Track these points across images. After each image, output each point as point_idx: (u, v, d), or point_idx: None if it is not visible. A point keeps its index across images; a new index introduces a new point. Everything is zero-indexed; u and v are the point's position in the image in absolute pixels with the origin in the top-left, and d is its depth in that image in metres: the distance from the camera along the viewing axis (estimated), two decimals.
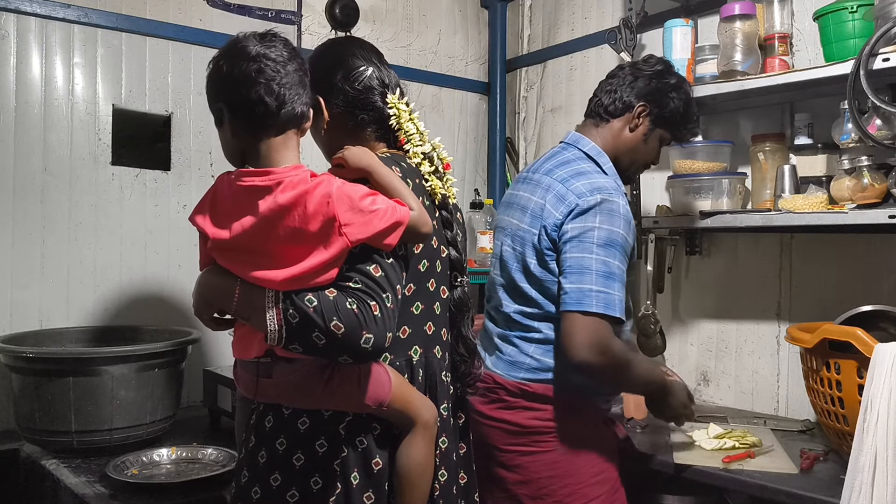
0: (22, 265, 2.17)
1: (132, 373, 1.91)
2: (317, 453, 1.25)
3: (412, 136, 1.41)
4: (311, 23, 2.72)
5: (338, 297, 1.15)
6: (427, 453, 1.31)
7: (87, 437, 1.88)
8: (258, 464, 1.27)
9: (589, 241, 1.60)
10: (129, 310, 2.34)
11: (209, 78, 1.26)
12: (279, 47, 1.22)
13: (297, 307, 1.14)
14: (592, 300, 1.56)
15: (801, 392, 1.91)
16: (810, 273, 2.24)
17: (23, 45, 2.18)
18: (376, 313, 1.16)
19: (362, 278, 1.18)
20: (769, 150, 2.22)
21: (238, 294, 1.20)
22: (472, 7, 3.23)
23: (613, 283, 1.58)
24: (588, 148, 1.78)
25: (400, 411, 1.28)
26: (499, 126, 3.21)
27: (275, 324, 1.15)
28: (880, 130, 1.82)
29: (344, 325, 1.13)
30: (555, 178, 1.72)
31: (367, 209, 1.18)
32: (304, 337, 1.15)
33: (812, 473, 1.74)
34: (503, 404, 1.70)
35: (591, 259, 1.59)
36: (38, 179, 2.20)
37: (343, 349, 1.15)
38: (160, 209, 2.40)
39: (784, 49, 2.13)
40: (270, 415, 1.28)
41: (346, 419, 1.27)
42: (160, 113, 2.41)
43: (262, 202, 1.17)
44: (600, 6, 2.91)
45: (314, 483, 1.24)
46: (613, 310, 1.57)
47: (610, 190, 1.66)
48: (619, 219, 1.62)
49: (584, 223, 1.61)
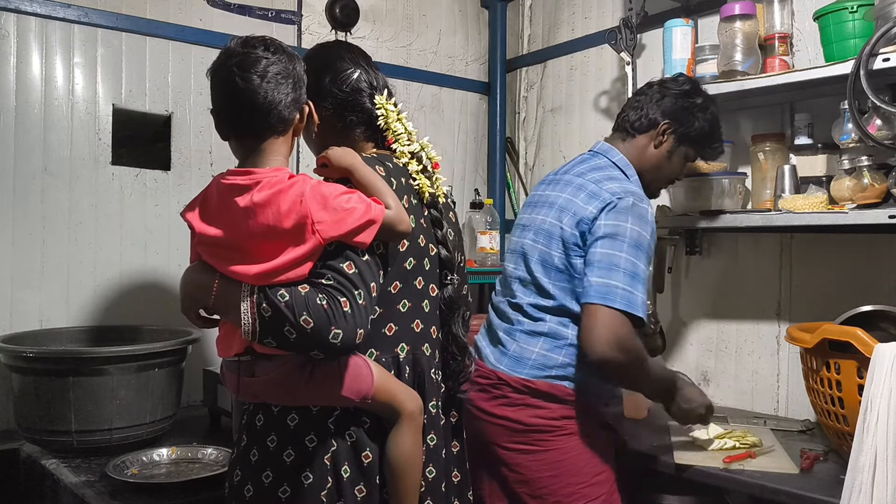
0: (22, 265, 2.17)
1: (132, 372, 1.91)
2: (307, 448, 1.27)
3: (399, 136, 1.44)
4: (311, 23, 2.72)
5: (309, 292, 1.18)
6: (414, 444, 1.33)
7: (87, 437, 1.88)
8: (250, 462, 1.29)
9: (621, 239, 1.62)
10: (129, 309, 2.34)
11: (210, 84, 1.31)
12: (259, 52, 1.24)
13: (270, 301, 1.17)
14: (618, 296, 1.57)
15: (801, 392, 1.91)
16: (810, 273, 2.24)
17: (23, 44, 2.18)
18: (346, 309, 1.18)
19: (334, 275, 1.20)
20: (769, 150, 2.22)
21: (216, 288, 1.23)
22: (472, 7, 3.23)
23: (638, 285, 1.60)
24: (617, 159, 1.82)
25: (385, 403, 1.30)
26: (499, 126, 3.21)
27: (248, 317, 1.18)
28: (880, 130, 1.81)
29: (313, 319, 1.15)
30: (587, 179, 1.75)
31: (340, 207, 1.22)
32: (276, 331, 1.17)
33: (812, 473, 1.74)
34: (506, 401, 1.69)
35: (621, 257, 1.60)
36: (38, 179, 2.20)
37: (313, 344, 1.17)
38: (160, 209, 2.40)
39: (784, 49, 2.13)
40: (260, 413, 1.31)
41: (334, 414, 1.29)
42: (160, 113, 2.41)
43: (240, 199, 1.21)
44: (600, 6, 2.91)
45: (305, 478, 1.26)
46: (636, 309, 1.58)
47: (641, 195, 1.72)
48: (648, 224, 1.67)
49: (617, 220, 1.64)
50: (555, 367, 1.68)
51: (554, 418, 1.67)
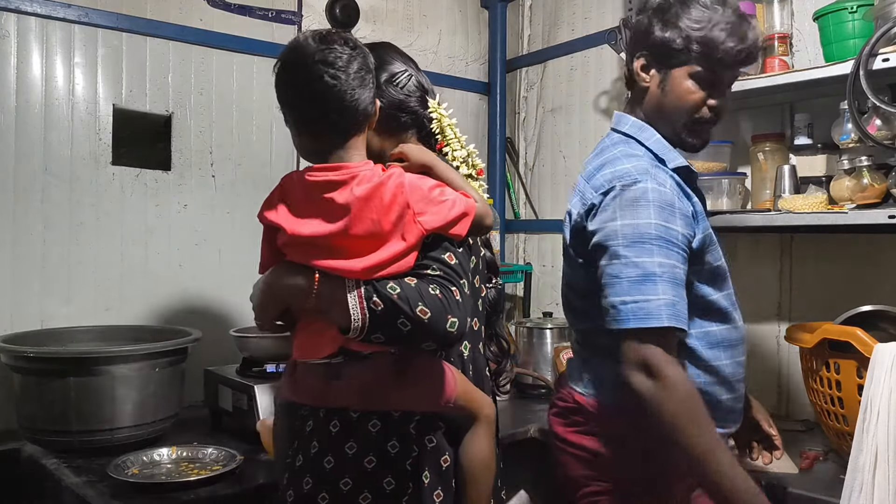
0: (22, 265, 2.17)
1: (133, 372, 1.91)
2: (389, 454, 1.25)
3: (451, 141, 1.45)
4: (312, 23, 2.72)
5: (420, 283, 1.17)
6: (489, 448, 1.33)
7: (88, 437, 1.88)
8: (324, 469, 1.25)
9: (613, 243, 1.34)
10: (130, 309, 2.34)
11: (276, 82, 1.26)
12: (339, 49, 1.21)
13: (382, 295, 1.15)
14: (628, 315, 1.30)
15: (801, 392, 1.91)
16: (810, 273, 2.24)
17: (23, 44, 2.18)
18: (458, 298, 1.18)
19: (440, 266, 1.20)
20: (769, 150, 2.22)
21: (317, 286, 1.19)
22: (472, 7, 3.23)
23: (652, 286, 1.30)
24: (627, 127, 1.53)
25: (463, 407, 1.30)
26: (499, 126, 3.21)
27: (358, 313, 1.15)
28: (880, 130, 1.82)
29: (430, 309, 1.14)
30: (583, 175, 1.51)
31: (437, 199, 1.22)
32: (388, 325, 1.16)
33: (812, 473, 1.74)
34: (582, 427, 1.49)
35: (618, 265, 1.33)
36: (38, 179, 2.20)
37: (428, 335, 1.16)
38: (161, 209, 2.40)
39: (784, 49, 2.14)
40: (336, 419, 1.26)
41: (414, 419, 1.27)
42: (160, 113, 2.41)
43: (337, 195, 1.19)
44: (600, 6, 2.91)
45: (387, 484, 1.24)
46: (650, 320, 1.28)
47: (633, 175, 1.38)
48: (647, 206, 1.34)
49: (602, 223, 1.37)
50: None
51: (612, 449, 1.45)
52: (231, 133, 2.55)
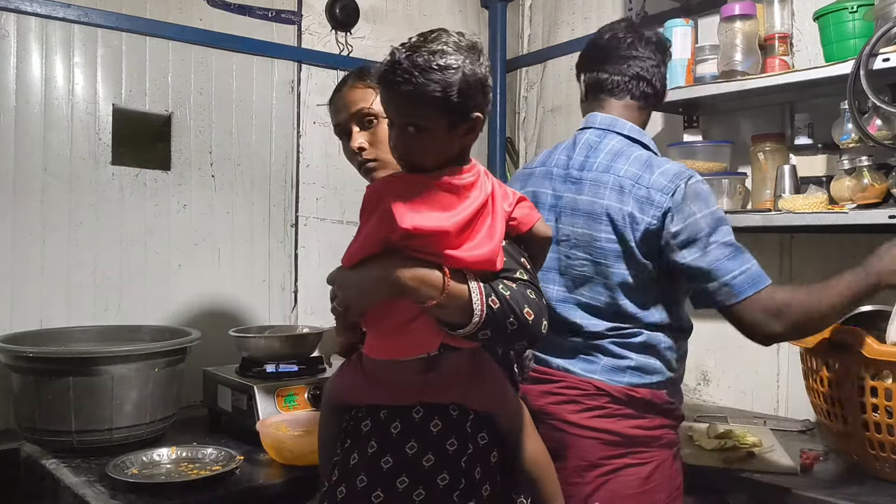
0: (22, 265, 2.17)
1: (132, 372, 1.91)
2: (447, 452, 1.26)
3: None
4: (312, 23, 2.73)
5: (519, 286, 1.20)
6: (540, 441, 1.38)
7: (87, 437, 1.88)
8: (381, 469, 1.25)
9: (701, 234, 1.50)
10: (129, 309, 2.34)
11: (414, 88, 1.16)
12: (481, 59, 1.20)
13: (498, 294, 1.18)
14: (743, 285, 1.47)
15: (801, 392, 1.91)
16: (810, 273, 2.23)
17: (23, 44, 2.18)
18: (543, 301, 1.23)
19: (524, 270, 1.24)
20: (769, 150, 2.22)
21: (448, 278, 1.17)
22: (472, 7, 3.23)
23: (745, 256, 1.49)
24: (627, 130, 1.64)
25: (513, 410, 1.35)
26: (499, 126, 3.21)
27: (479, 307, 1.16)
28: (880, 130, 1.82)
29: (533, 312, 1.19)
30: (622, 175, 1.56)
31: (525, 205, 1.30)
32: (498, 322, 1.18)
33: (812, 473, 1.74)
34: (604, 412, 1.55)
35: (712, 251, 1.49)
36: (38, 179, 2.20)
37: (527, 335, 1.21)
38: (160, 209, 2.40)
39: (784, 49, 2.14)
40: (397, 421, 1.27)
41: (470, 417, 1.29)
42: (160, 113, 2.41)
43: (471, 193, 1.21)
44: (600, 6, 2.91)
45: (441, 480, 1.25)
46: (759, 283, 1.47)
47: (684, 172, 1.55)
48: (709, 194, 1.54)
49: (684, 221, 1.50)
50: (655, 372, 1.57)
51: (656, 428, 1.57)
52: (231, 133, 2.55)
